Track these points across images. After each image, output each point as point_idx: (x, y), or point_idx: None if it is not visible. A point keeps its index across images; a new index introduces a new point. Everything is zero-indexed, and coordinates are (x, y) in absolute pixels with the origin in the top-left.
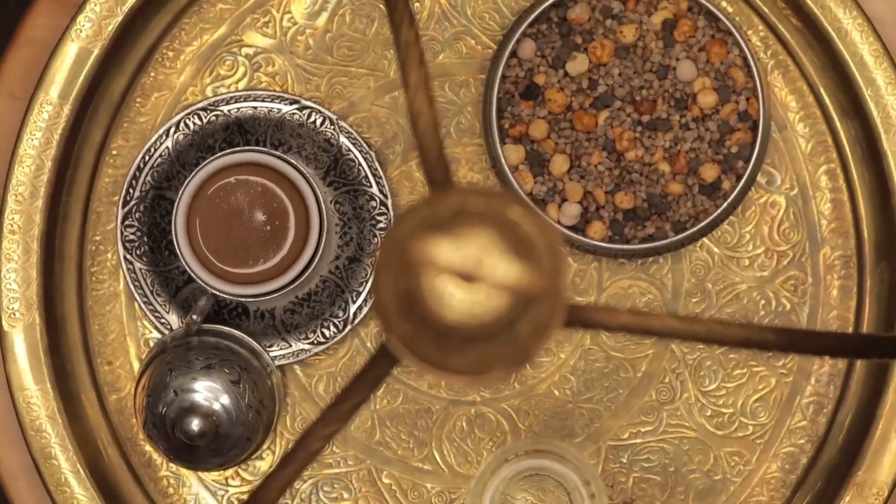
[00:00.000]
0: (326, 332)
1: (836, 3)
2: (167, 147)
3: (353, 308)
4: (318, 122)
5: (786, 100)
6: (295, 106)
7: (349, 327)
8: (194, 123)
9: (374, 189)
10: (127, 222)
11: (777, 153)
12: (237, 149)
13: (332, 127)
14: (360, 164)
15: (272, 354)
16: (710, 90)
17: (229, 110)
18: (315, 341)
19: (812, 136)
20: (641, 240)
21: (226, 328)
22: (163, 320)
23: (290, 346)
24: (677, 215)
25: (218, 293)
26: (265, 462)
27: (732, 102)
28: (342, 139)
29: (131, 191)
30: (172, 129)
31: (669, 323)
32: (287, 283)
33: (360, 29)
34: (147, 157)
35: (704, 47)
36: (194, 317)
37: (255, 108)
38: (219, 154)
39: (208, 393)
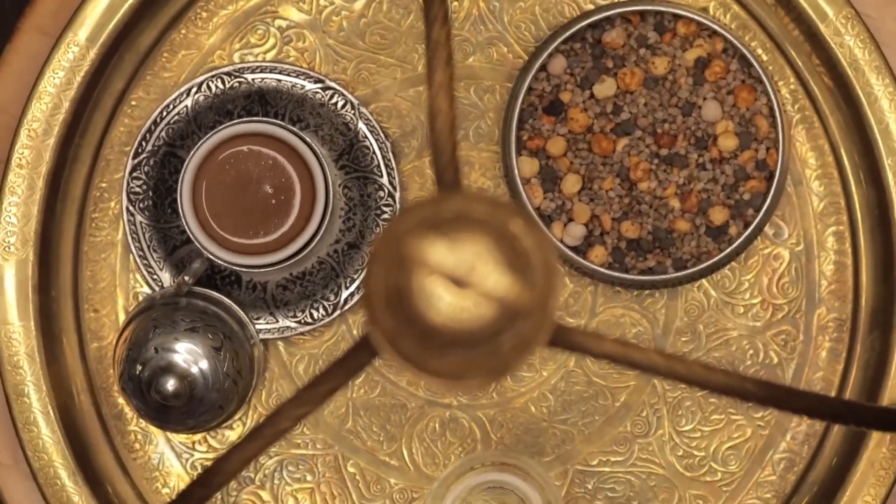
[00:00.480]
0: (315, 314)
1: (871, 68)
2: (186, 106)
3: (344, 294)
4: (340, 104)
5: (805, 155)
6: (319, 85)
7: (338, 312)
8: (217, 87)
9: (385, 179)
10: (135, 174)
11: (788, 207)
12: (255, 118)
13: (353, 112)
14: (374, 153)
15: (258, 327)
16: (732, 134)
17: (253, 79)
18: (303, 321)
19: (826, 195)
20: (641, 271)
21: (216, 294)
22: (155, 276)
23: (278, 321)
24: (680, 252)
25: (213, 258)
26: (234, 432)
27: (752, 150)
28: (360, 125)
29: (144, 144)
30: (194, 89)
31: (653, 358)
32: (283, 258)
33: (395, 19)
34: (165, 113)
35: (733, 91)
36: (186, 278)
37: (279, 80)
38: (236, 121)
39: (188, 355)
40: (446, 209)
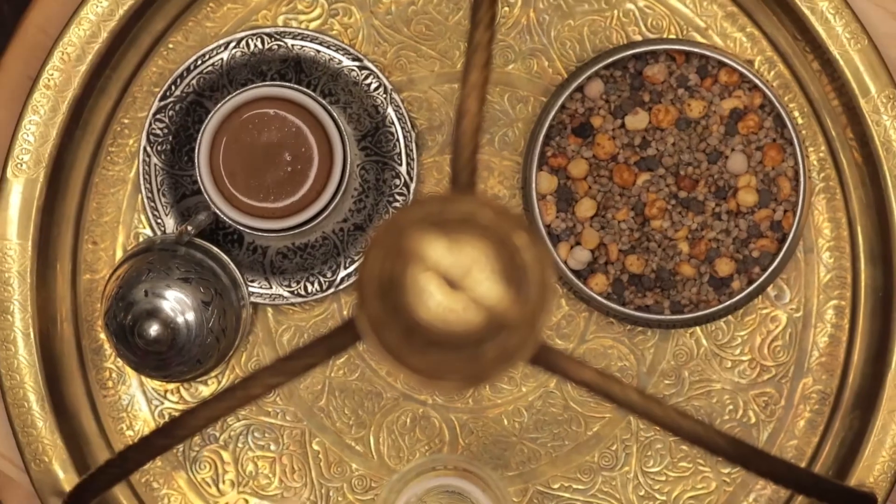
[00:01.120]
0: (309, 287)
1: None
2: (222, 59)
3: (342, 273)
4: (373, 86)
5: (821, 225)
6: (356, 63)
7: (332, 290)
8: (255, 46)
9: (403, 168)
10: (158, 116)
11: (795, 272)
12: (286, 84)
13: (385, 96)
14: (397, 140)
15: (251, 290)
16: (753, 190)
17: (293, 45)
18: (296, 292)
19: (834, 268)
20: (637, 307)
21: (215, 249)
22: (159, 221)
23: (271, 288)
24: (679, 296)
25: (220, 213)
26: (207, 388)
27: (770, 209)
28: (390, 110)
29: (173, 88)
30: (233, 44)
31: (631, 395)
32: (289, 227)
33: (443, 12)
34: (199, 62)
35: (762, 147)
36: (189, 228)
37: (318, 51)
38: (268, 83)
39: (176, 304)
40: (454, 209)
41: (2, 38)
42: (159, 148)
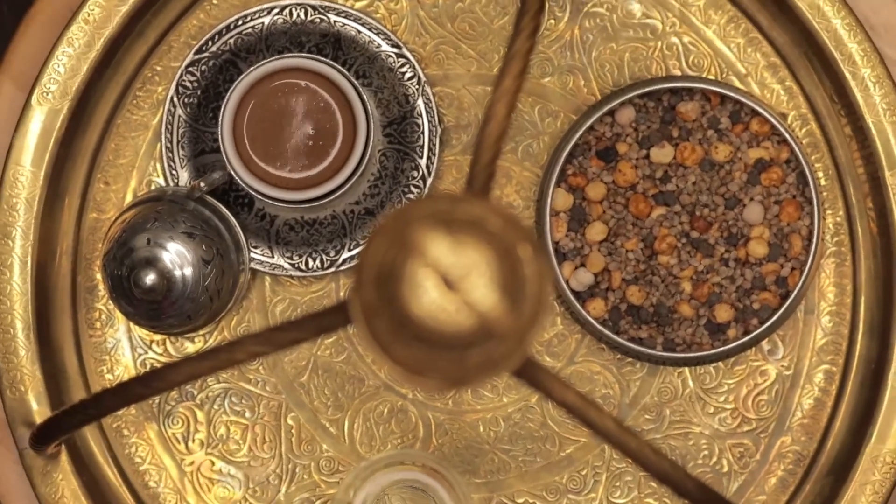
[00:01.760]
0: (311, 263)
1: None
2: (263, 23)
3: (345, 254)
4: (408, 75)
5: (826, 288)
6: (395, 50)
7: (332, 269)
8: (298, 16)
9: (423, 161)
10: (191, 69)
11: (792, 330)
12: (322, 59)
13: (418, 87)
14: (422, 132)
15: (252, 256)
16: (765, 242)
17: (335, 21)
18: (297, 265)
19: (831, 333)
20: (631, 338)
21: (224, 209)
22: (174, 172)
23: (273, 257)
24: (674, 334)
25: (235, 175)
26: (193, 346)
27: (778, 264)
28: (420, 102)
29: (210, 43)
30: (276, 10)
31: (608, 424)
32: (301, 199)
33: (489, 14)
34: (241, 22)
35: (781, 202)
36: (202, 184)
37: (359, 31)
38: (304, 55)
39: (176, 257)
40: (465, 211)
41: (1, 39)
42: (186, 100)
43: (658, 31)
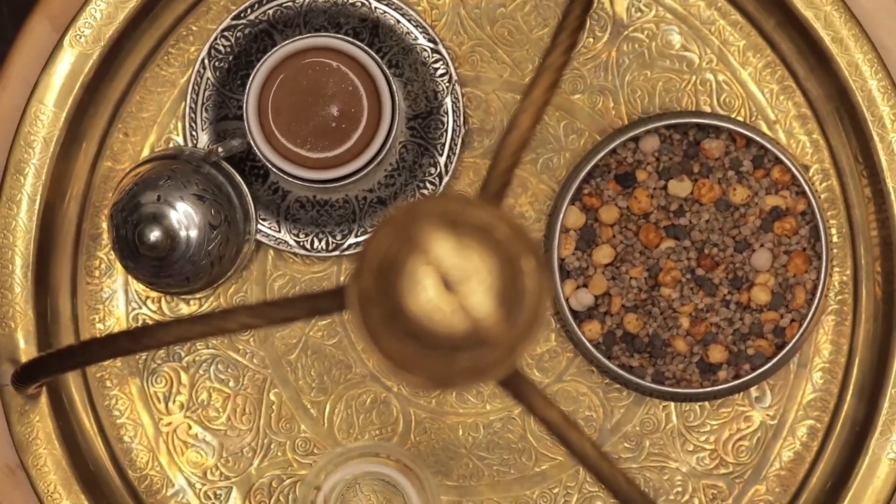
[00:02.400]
0: (316, 243)
1: None
2: None
3: (351, 240)
4: (440, 72)
5: (822, 345)
6: (431, 45)
7: (337, 252)
8: None
9: (442, 159)
10: (226, 33)
11: (782, 381)
12: (357, 42)
13: (448, 85)
14: (446, 131)
15: (259, 228)
16: (769, 290)
17: (376, 7)
18: (302, 244)
19: (821, 390)
20: (621, 365)
21: (238, 177)
22: (194, 133)
23: (279, 232)
24: (665, 368)
25: (253, 145)
26: (188, 308)
27: (778, 313)
28: (448, 100)
29: (249, 11)
30: None
31: (586, 447)
32: (316, 178)
33: (530, 24)
34: None
35: (791, 252)
36: (220, 149)
37: (398, 21)
38: (340, 36)
39: (183, 218)
40: (475, 215)
41: (1, 41)
42: (217, 64)
43: (694, 65)
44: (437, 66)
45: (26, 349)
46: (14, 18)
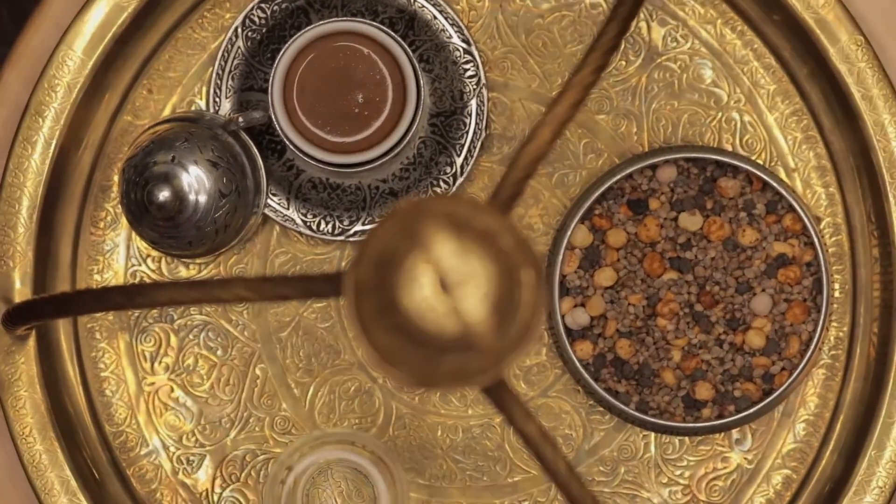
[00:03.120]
0: (323, 225)
1: None
2: None
3: (357, 227)
4: (469, 73)
5: (809, 397)
6: (464, 45)
7: (342, 238)
8: None
9: (459, 160)
10: (263, 5)
11: (765, 427)
12: (392, 33)
13: (476, 87)
14: (466, 132)
15: (268, 202)
16: (764, 335)
17: (415, 0)
18: (309, 224)
19: (801, 441)
20: (607, 388)
21: (255, 149)
22: (217, 100)
23: (288, 209)
24: (650, 398)
25: (273, 120)
26: (186, 272)
27: (770, 360)
28: (473, 102)
29: None
30: None
31: (559, 464)
32: (332, 162)
33: (564, 38)
34: None
35: (791, 301)
36: (241, 119)
37: (435, 17)
38: (376, 24)
39: (195, 182)
40: (482, 220)
41: (2, 44)
42: (250, 34)
43: (722, 102)
44: (467, 66)
45: (21, 290)
46: (15, 24)
